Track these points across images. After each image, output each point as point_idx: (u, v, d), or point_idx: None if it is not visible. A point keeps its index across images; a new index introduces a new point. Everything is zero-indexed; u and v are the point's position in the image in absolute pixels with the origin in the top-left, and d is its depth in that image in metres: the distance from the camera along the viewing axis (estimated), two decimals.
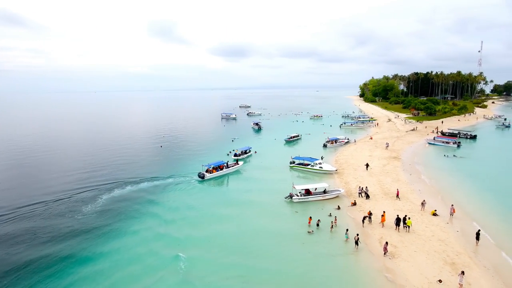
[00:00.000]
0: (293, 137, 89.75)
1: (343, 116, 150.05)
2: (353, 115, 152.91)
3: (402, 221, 33.83)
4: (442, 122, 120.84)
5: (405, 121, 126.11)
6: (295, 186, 43.89)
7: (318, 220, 35.29)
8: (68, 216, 38.66)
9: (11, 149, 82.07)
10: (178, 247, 31.15)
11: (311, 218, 35.79)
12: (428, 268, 26.63)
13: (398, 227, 33.62)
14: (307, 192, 43.89)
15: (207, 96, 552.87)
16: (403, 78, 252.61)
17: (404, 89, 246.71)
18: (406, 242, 31.05)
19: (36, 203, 42.65)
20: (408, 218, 34.27)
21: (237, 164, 59.95)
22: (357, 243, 30.36)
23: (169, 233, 34.20)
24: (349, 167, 59.11)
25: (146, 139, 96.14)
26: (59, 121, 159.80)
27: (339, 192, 44.32)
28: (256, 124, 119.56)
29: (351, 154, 69.45)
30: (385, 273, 26.32)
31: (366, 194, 43.35)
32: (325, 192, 44.06)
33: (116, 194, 46.14)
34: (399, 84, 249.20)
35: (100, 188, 48.51)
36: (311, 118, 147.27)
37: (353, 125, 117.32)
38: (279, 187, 46.78)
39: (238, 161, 61.81)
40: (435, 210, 37.62)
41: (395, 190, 44.42)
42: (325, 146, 78.61)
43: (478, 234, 30.88)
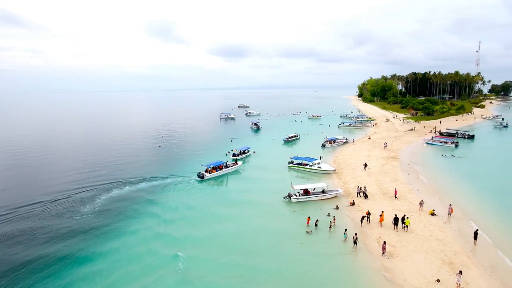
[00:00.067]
0: (292, 137, 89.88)
1: (341, 116, 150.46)
2: (351, 115, 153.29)
3: (401, 220, 33.98)
4: (440, 122, 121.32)
5: (403, 121, 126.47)
6: (293, 186, 43.92)
7: (316, 220, 35.37)
8: (67, 216, 38.56)
9: (9, 149, 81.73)
10: (177, 246, 31.16)
11: (309, 218, 35.85)
12: (426, 268, 26.74)
13: (396, 226, 33.78)
14: (306, 192, 43.93)
15: (206, 96, 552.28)
16: (401, 78, 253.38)
17: (402, 89, 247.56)
18: (404, 242, 31.17)
19: (34, 203, 42.49)
20: (407, 217, 34.37)
21: (236, 164, 59.98)
22: (355, 243, 30.46)
23: (169, 232, 34.18)
24: (348, 167, 59.23)
25: (144, 139, 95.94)
26: (58, 121, 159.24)
27: (338, 192, 44.41)
28: (255, 124, 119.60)
29: (350, 154, 69.60)
30: (383, 273, 26.43)
31: (365, 194, 43.45)
32: (323, 192, 44.14)
33: (114, 194, 46.06)
34: (397, 84, 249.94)
35: (98, 188, 48.40)
36: (309, 118, 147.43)
37: (351, 125, 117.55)
38: (278, 187, 46.81)
39: (237, 161, 61.84)
40: (433, 210, 37.77)
41: (394, 190, 44.55)
42: (323, 146, 78.74)
43: (476, 234, 31.06)
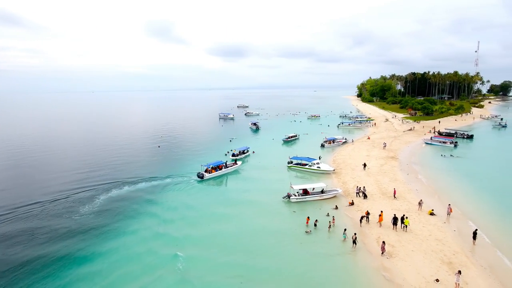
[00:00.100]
0: (291, 137, 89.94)
1: (340, 116, 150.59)
2: (350, 115, 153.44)
3: (400, 220, 34.02)
4: (439, 122, 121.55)
5: (402, 121, 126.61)
6: (293, 186, 43.93)
7: (315, 220, 35.37)
8: (66, 216, 38.49)
9: (9, 149, 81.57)
10: (177, 246, 31.16)
11: (309, 218, 35.87)
12: (425, 268, 26.78)
13: (396, 226, 33.82)
14: (305, 192, 43.94)
15: (205, 96, 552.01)
16: (400, 78, 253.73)
17: (402, 89, 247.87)
18: (403, 242, 31.21)
19: (33, 203, 42.42)
20: (406, 217, 34.42)
21: (235, 164, 59.98)
22: (354, 243, 30.50)
23: (168, 232, 34.18)
24: (347, 167, 59.28)
25: (144, 139, 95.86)
26: (57, 121, 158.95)
27: (337, 192, 44.44)
28: (254, 124, 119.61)
29: (349, 154, 69.65)
30: (382, 273, 26.46)
31: (364, 194, 43.49)
32: (322, 192, 44.15)
33: (113, 194, 46.00)
34: (396, 84, 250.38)
35: (97, 188, 48.32)
36: (309, 118, 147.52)
37: (350, 125, 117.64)
38: (277, 187, 46.82)
39: (236, 161, 61.85)
40: (432, 210, 37.82)
41: (393, 189, 44.56)
42: (322, 146, 78.79)
43: (475, 234, 31.10)
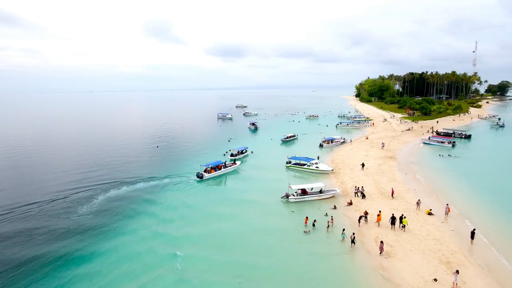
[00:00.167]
0: (290, 137, 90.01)
1: (339, 116, 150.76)
2: (349, 115, 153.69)
3: (398, 220, 34.13)
4: (437, 122, 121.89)
5: (400, 121, 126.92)
6: (291, 186, 44.00)
7: (314, 220, 35.43)
8: (64, 216, 38.41)
9: (6, 149, 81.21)
10: (176, 245, 31.18)
11: (307, 218, 35.94)
12: (423, 267, 26.88)
13: (394, 226, 33.92)
14: (303, 192, 44.00)
15: (203, 96, 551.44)
16: (398, 78, 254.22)
17: (400, 89, 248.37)
18: (401, 241, 31.31)
19: (31, 204, 42.31)
20: (404, 217, 34.52)
21: (234, 164, 60.00)
22: (353, 242, 30.58)
23: (167, 232, 34.19)
24: (345, 167, 59.39)
25: (142, 139, 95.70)
26: (56, 121, 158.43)
27: (335, 192, 44.52)
28: (253, 124, 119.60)
29: (347, 154, 69.78)
30: (381, 272, 26.54)
31: (362, 194, 43.59)
32: (321, 192, 44.23)
33: (112, 194, 45.94)
34: (394, 84, 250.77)
35: (96, 188, 48.25)
36: (307, 118, 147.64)
37: (349, 125, 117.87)
38: (276, 187, 46.88)
39: (235, 161, 61.86)
40: (430, 210, 37.95)
41: (391, 189, 44.64)
42: (321, 146, 78.89)
43: (473, 233, 31.22)
